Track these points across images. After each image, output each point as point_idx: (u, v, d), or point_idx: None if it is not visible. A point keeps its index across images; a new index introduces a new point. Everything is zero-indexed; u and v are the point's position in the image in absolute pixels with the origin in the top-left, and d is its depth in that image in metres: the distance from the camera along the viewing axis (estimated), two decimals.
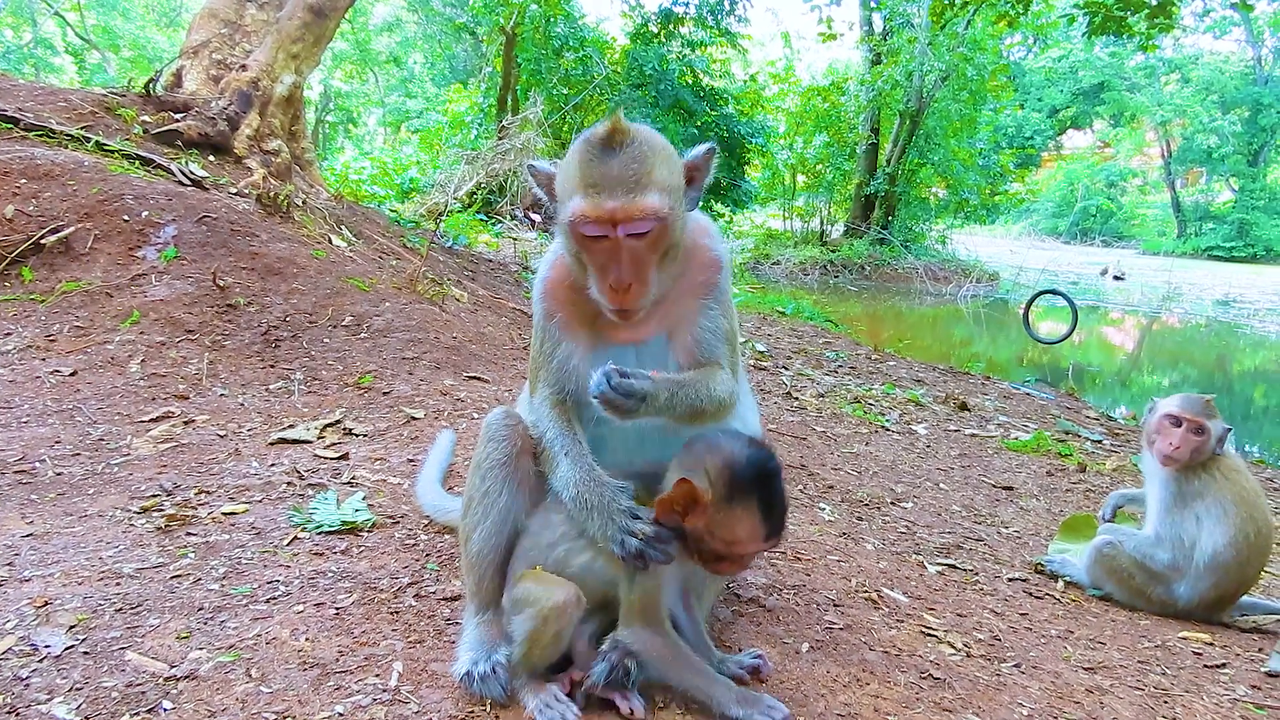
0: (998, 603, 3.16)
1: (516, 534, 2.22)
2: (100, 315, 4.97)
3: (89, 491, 3.27)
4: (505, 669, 2.04)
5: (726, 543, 1.96)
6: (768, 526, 1.94)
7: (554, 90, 21.45)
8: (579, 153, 2.07)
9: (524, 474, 2.24)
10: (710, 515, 1.95)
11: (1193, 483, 3.48)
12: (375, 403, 4.53)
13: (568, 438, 2.19)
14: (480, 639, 2.13)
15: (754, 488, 1.94)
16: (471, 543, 2.22)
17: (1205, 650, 3.06)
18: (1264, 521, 3.42)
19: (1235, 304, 26.35)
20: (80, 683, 1.99)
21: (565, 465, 2.14)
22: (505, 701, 2.00)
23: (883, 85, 24.78)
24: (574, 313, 2.24)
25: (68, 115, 7.01)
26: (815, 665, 2.30)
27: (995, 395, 8.85)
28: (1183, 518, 3.46)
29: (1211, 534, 3.40)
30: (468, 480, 2.28)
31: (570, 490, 2.11)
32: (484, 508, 2.20)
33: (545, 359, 2.29)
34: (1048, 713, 2.23)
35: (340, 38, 30.39)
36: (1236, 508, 3.39)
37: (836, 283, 23.57)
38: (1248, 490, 3.46)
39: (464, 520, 2.25)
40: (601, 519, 2.03)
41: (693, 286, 2.28)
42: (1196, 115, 47.19)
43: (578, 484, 2.10)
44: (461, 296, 7.30)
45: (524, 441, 2.25)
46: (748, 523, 1.94)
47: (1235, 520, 3.37)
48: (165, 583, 2.50)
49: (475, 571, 2.22)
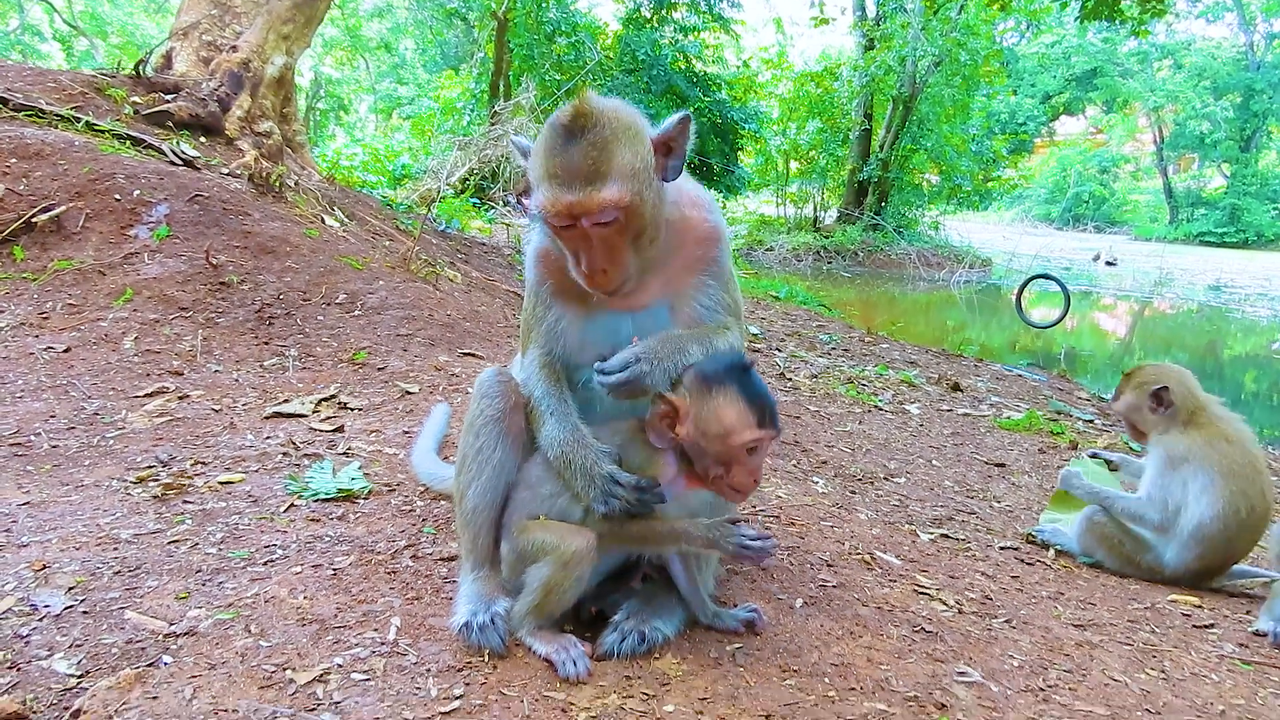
0: (989, 567, 3.19)
1: (510, 489, 2.23)
2: (93, 293, 4.96)
3: (85, 463, 3.28)
4: (504, 620, 2.06)
5: (721, 438, 1.99)
6: (755, 411, 1.98)
7: (546, 76, 21.39)
8: (545, 138, 2.08)
9: (516, 430, 2.25)
10: (695, 418, 2.00)
11: (1176, 446, 3.51)
12: (370, 378, 4.53)
13: (554, 398, 2.22)
14: (478, 592, 2.15)
15: (726, 377, 2.01)
16: (466, 499, 2.22)
17: (1194, 612, 3.10)
18: (1258, 497, 3.38)
19: (1227, 289, 26.46)
20: (80, 640, 2.01)
21: (551, 425, 2.17)
22: (504, 652, 2.02)
23: (876, 71, 24.80)
24: (566, 280, 2.24)
25: (57, 96, 6.97)
26: (809, 620, 2.33)
27: (988, 377, 8.88)
28: (1170, 480, 3.49)
29: (1198, 502, 3.40)
30: (461, 439, 2.29)
31: (555, 450, 2.14)
32: (478, 464, 2.21)
33: (536, 321, 2.31)
34: (1038, 664, 2.27)
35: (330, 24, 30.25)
36: (1225, 480, 3.37)
37: (830, 268, 23.60)
38: (1239, 464, 3.42)
39: (458, 477, 2.26)
40: (584, 480, 2.07)
41: (690, 260, 2.29)
42: (1189, 101, 47.23)
43: (562, 444, 2.13)
44: (455, 277, 7.29)
45: (516, 398, 2.27)
46: (732, 409, 1.98)
47: (1223, 493, 3.36)
48: (163, 547, 2.52)
49: (470, 528, 2.23)
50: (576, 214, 2.01)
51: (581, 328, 2.26)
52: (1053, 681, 2.19)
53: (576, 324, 2.27)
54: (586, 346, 2.26)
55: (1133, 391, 3.71)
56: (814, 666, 2.07)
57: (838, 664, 2.09)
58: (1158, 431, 3.61)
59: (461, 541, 2.28)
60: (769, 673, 2.04)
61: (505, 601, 2.11)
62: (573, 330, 2.26)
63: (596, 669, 1.99)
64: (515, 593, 2.11)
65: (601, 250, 2.06)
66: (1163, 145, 50.44)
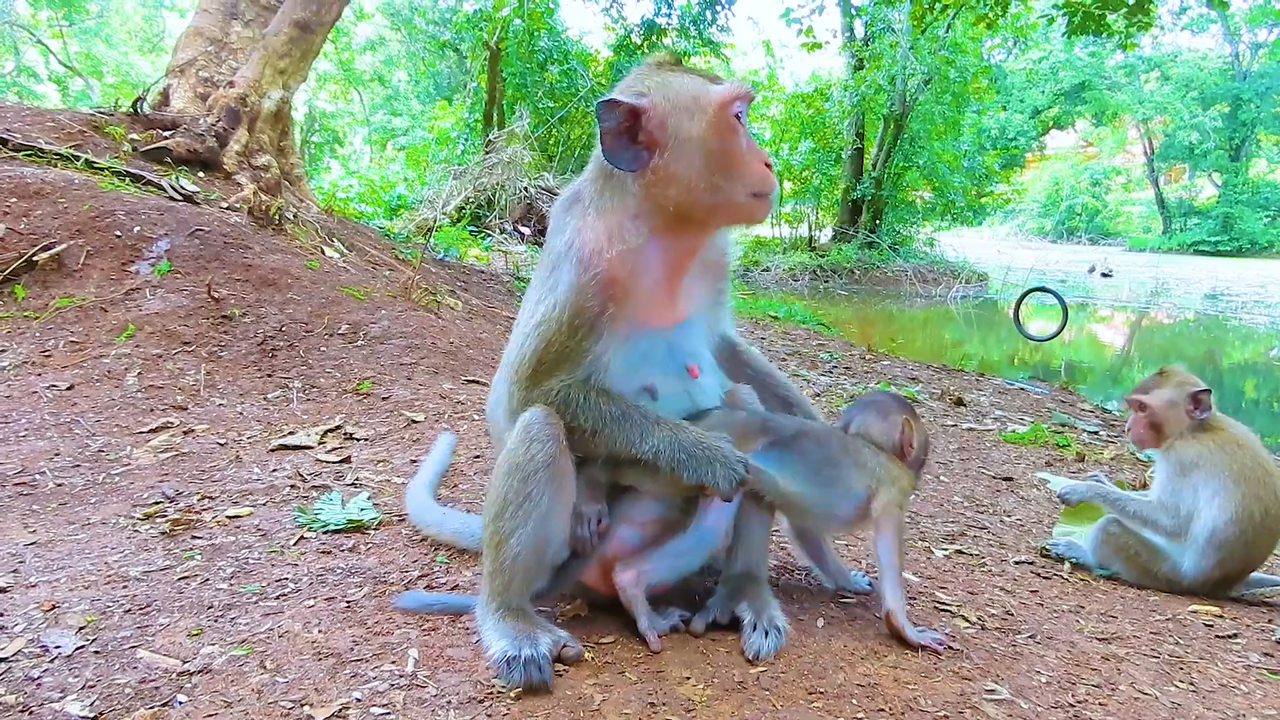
0: (1007, 582, 3.16)
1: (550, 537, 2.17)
2: (95, 330, 4.94)
3: (91, 501, 3.25)
4: (549, 659, 2.02)
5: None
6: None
7: (539, 104, 21.54)
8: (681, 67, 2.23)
9: (563, 475, 2.14)
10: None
11: (1186, 452, 3.47)
12: (375, 408, 4.51)
13: (636, 407, 2.13)
14: (514, 629, 2.08)
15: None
16: (508, 546, 2.10)
17: (1216, 622, 3.06)
18: (1272, 501, 3.33)
19: (1223, 297, 26.54)
20: (93, 681, 1.97)
21: (663, 430, 2.11)
22: (551, 687, 1.98)
23: (866, 90, 24.95)
24: (625, 305, 2.14)
25: (56, 135, 7.00)
26: (831, 639, 2.29)
27: (990, 391, 8.86)
28: (1182, 486, 3.44)
29: (1210, 507, 3.36)
30: (501, 481, 2.13)
31: (675, 450, 2.09)
32: (525, 511, 2.09)
33: (571, 352, 2.14)
34: (1066, 679, 2.23)
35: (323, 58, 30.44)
36: (1237, 485, 3.33)
37: (827, 287, 23.65)
38: (1250, 468, 3.37)
39: (497, 521, 2.12)
40: (722, 467, 2.08)
41: (709, 265, 2.30)
42: (1177, 112, 47.65)
43: (682, 444, 2.10)
44: (456, 305, 7.29)
45: (564, 441, 2.14)
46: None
47: (1237, 498, 3.31)
48: (173, 584, 2.48)
49: (505, 574, 2.13)
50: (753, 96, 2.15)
51: (623, 351, 2.18)
52: (1082, 697, 2.15)
53: (619, 350, 2.17)
54: (623, 371, 2.19)
55: (1174, 389, 3.62)
56: (840, 688, 2.04)
57: (864, 685, 2.06)
58: (1176, 436, 3.58)
59: (490, 585, 2.17)
60: (795, 695, 2.00)
61: (548, 638, 2.07)
62: (614, 357, 2.17)
63: (619, 698, 1.96)
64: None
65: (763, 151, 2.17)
66: (1153, 156, 50.79)
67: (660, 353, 2.20)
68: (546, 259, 2.24)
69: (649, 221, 2.14)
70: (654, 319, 2.18)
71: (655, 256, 2.15)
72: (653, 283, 2.17)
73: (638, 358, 2.19)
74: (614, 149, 2.10)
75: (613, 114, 2.08)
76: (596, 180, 2.22)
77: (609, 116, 2.08)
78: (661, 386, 2.20)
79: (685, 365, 2.22)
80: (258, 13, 9.04)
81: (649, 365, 2.19)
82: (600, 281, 2.10)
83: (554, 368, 2.15)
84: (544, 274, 2.22)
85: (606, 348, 2.15)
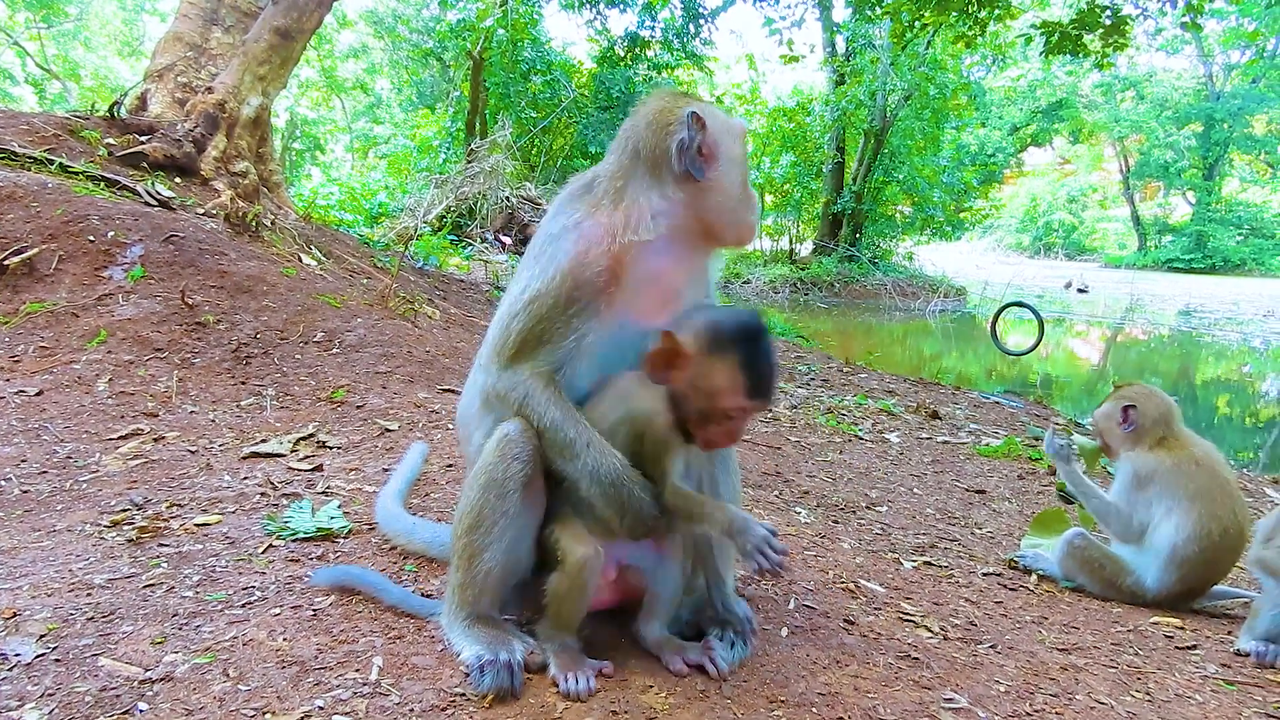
0: (973, 593, 3.20)
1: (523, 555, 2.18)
2: (66, 335, 4.90)
3: (57, 508, 3.22)
4: (521, 666, 2.05)
5: (708, 395, 2.01)
6: (749, 379, 1.98)
7: (522, 113, 21.60)
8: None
9: (537, 490, 2.16)
10: (692, 368, 2.02)
11: (1142, 464, 3.60)
12: (349, 416, 4.50)
13: (579, 424, 2.12)
14: (486, 636, 2.10)
15: (734, 340, 2.01)
16: (481, 561, 2.12)
17: (1176, 633, 3.12)
18: (1230, 520, 3.40)
19: (1196, 314, 26.93)
20: (52, 689, 1.96)
21: (592, 456, 2.09)
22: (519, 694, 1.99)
23: (847, 105, 25.20)
24: (622, 290, 2.16)
25: (30, 138, 6.94)
26: (795, 649, 2.31)
27: (965, 404, 8.95)
28: (1136, 498, 3.57)
29: (1166, 523, 3.45)
30: (478, 495, 2.13)
31: (599, 483, 2.08)
32: (501, 528, 2.11)
33: (557, 329, 2.14)
34: (1024, 689, 2.27)
35: (305, 64, 30.38)
36: (1193, 504, 3.41)
37: (806, 300, 23.80)
38: (1207, 487, 3.44)
39: (469, 535, 2.13)
40: (631, 517, 2.08)
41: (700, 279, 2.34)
42: (1152, 131, 48.37)
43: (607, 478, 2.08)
44: (434, 314, 7.28)
45: (541, 457, 2.14)
46: (726, 373, 1.99)
47: (1194, 517, 3.39)
48: (138, 592, 2.47)
49: (474, 587, 2.15)
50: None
51: (604, 344, 2.18)
52: (1039, 706, 2.19)
53: (601, 340, 2.17)
54: (600, 366, 2.19)
55: (1110, 402, 3.81)
56: (801, 696, 2.06)
57: (825, 693, 2.08)
58: (1125, 449, 3.70)
59: (460, 596, 2.18)
60: (756, 704, 2.02)
61: (520, 644, 2.09)
62: (595, 346, 2.17)
63: (582, 707, 1.97)
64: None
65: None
66: (1129, 174, 51.51)
67: (638, 351, 2.20)
68: (541, 239, 2.25)
69: (670, 223, 2.19)
70: (639, 315, 2.19)
71: (662, 257, 2.19)
72: (651, 281, 2.19)
73: (617, 355, 2.20)
74: (692, 156, 2.21)
75: (697, 125, 2.22)
76: (619, 174, 2.26)
77: (696, 127, 2.21)
78: None
79: None
80: (238, 19, 9.01)
81: (625, 362, 2.19)
82: (608, 259, 2.13)
83: (537, 345, 2.15)
84: (537, 251, 2.23)
85: (590, 332, 2.15)
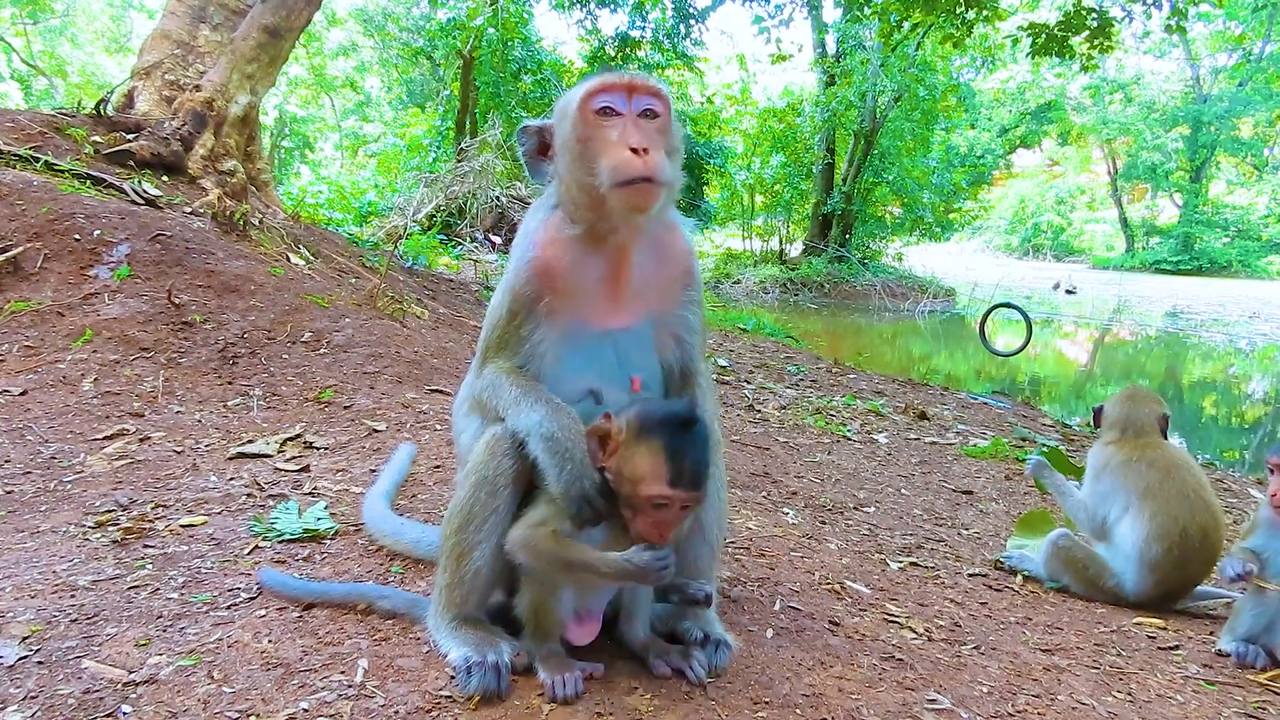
0: (958, 594, 3.22)
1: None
2: (51, 335, 4.87)
3: (41, 508, 3.20)
4: (509, 667, 2.04)
5: (632, 483, 1.98)
6: (671, 469, 1.95)
7: (512, 113, 21.53)
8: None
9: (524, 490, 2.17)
10: (620, 453, 2.01)
11: (1096, 456, 3.74)
12: (336, 417, 4.49)
13: (540, 389, 2.14)
14: (474, 638, 2.10)
15: (660, 429, 1.98)
16: (470, 560, 2.13)
17: (1159, 634, 3.14)
18: (1190, 521, 3.39)
19: (1183, 315, 27.11)
20: (35, 691, 1.95)
21: (538, 409, 2.09)
22: (505, 694, 1.99)
23: (837, 106, 25.26)
24: (561, 295, 2.19)
25: (15, 135, 6.90)
26: (780, 650, 2.32)
27: (953, 405, 8.99)
28: (1093, 489, 3.68)
29: (1123, 522, 3.52)
30: (468, 494, 2.15)
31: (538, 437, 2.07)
32: (491, 525, 2.11)
33: (511, 335, 2.21)
34: (1007, 690, 2.28)
35: (295, 62, 30.25)
36: (1143, 502, 3.45)
37: (796, 300, 23.87)
38: (1160, 487, 3.46)
39: (459, 534, 2.14)
40: (568, 464, 2.03)
41: (674, 273, 2.31)
42: (1140, 133, 48.59)
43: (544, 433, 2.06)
44: (422, 314, 7.27)
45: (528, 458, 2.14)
46: (650, 460, 1.96)
47: (1146, 516, 3.43)
48: (122, 593, 2.46)
49: (463, 587, 2.15)
50: (634, 87, 2.12)
51: (563, 348, 2.21)
52: (1021, 707, 2.20)
53: (558, 344, 2.20)
54: (565, 370, 2.21)
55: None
56: (785, 698, 2.07)
57: (809, 695, 2.09)
58: (1098, 442, 3.84)
59: (447, 596, 2.18)
60: (740, 705, 2.03)
61: (508, 646, 2.08)
62: (552, 351, 2.20)
63: (569, 709, 1.97)
64: None
65: (642, 135, 2.07)
66: (1116, 176, 51.76)
67: (607, 359, 2.21)
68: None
69: (573, 222, 2.22)
70: (594, 317, 2.21)
71: (587, 254, 2.20)
72: (591, 280, 2.20)
73: (581, 359, 2.21)
74: (530, 166, 2.33)
75: (524, 136, 2.31)
76: (548, 188, 2.34)
77: (523, 139, 2.31)
78: (607, 395, 2.21)
79: (630, 376, 2.23)
80: (226, 17, 8.97)
81: (593, 370, 2.21)
82: (534, 268, 2.21)
83: (498, 350, 2.25)
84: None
85: (544, 337, 2.20)
